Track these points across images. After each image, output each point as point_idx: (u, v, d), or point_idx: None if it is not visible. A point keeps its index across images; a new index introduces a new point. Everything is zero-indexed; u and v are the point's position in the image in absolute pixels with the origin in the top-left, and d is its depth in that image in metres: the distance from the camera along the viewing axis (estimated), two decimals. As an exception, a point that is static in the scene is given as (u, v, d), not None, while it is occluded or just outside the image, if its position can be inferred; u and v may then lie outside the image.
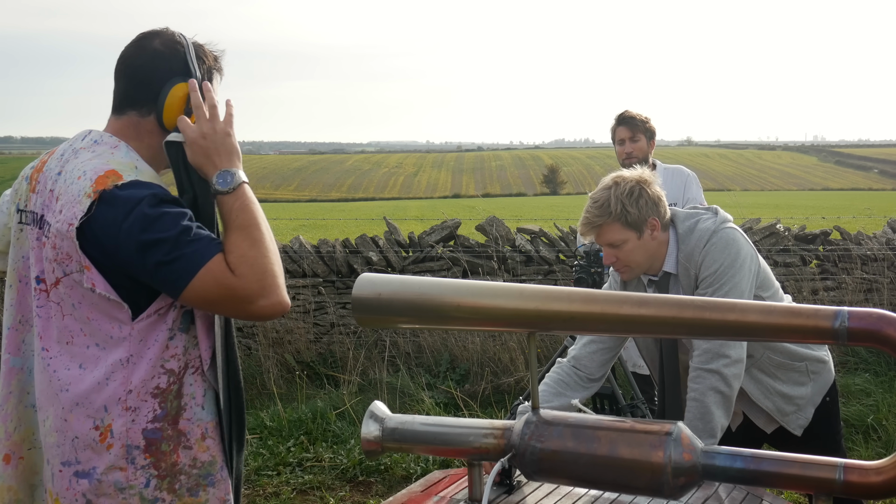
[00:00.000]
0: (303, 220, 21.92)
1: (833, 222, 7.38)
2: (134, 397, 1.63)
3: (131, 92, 1.72)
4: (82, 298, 1.62)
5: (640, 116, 4.19)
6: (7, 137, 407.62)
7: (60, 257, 1.62)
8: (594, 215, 2.42)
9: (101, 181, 1.60)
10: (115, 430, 1.62)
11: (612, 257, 2.45)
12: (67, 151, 1.71)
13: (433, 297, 1.62)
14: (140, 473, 1.63)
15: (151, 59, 1.71)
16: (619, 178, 2.45)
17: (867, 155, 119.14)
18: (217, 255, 1.57)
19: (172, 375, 1.66)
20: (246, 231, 1.61)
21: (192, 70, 1.72)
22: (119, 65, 1.74)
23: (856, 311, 1.36)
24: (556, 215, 21.15)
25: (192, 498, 1.68)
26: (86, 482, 1.63)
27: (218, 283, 1.55)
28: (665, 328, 1.51)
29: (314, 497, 4.30)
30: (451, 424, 1.70)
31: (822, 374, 2.63)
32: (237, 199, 1.64)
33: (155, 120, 1.72)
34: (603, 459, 1.50)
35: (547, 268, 6.41)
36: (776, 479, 1.44)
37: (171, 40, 1.73)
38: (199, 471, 1.69)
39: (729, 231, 2.46)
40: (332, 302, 6.34)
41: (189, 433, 1.68)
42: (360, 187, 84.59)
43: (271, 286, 1.59)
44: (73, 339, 1.63)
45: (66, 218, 1.60)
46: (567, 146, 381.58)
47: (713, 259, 2.41)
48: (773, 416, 2.60)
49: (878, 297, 6.44)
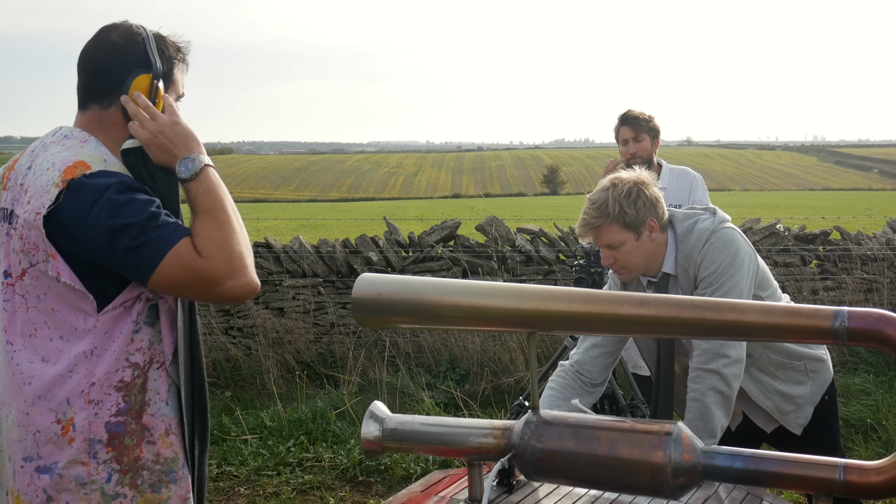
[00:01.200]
0: (303, 220, 21.94)
1: (833, 222, 7.37)
2: (97, 390, 1.62)
3: (91, 85, 1.73)
4: (47, 289, 1.61)
5: (643, 116, 4.15)
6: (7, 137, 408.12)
7: (27, 247, 1.62)
8: (592, 217, 2.41)
9: (70, 171, 1.61)
10: (77, 424, 1.61)
11: (610, 259, 2.45)
12: (38, 147, 1.73)
13: (433, 298, 1.62)
14: (102, 468, 1.62)
15: (109, 51, 1.71)
16: (617, 179, 2.45)
17: (867, 155, 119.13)
18: (184, 239, 1.58)
19: (137, 369, 1.65)
20: (211, 214, 1.62)
21: (151, 61, 1.72)
22: (80, 59, 1.75)
23: (856, 311, 1.36)
24: (556, 215, 21.14)
25: (154, 494, 1.67)
26: (47, 477, 1.61)
27: (185, 266, 1.56)
28: (665, 328, 1.51)
29: (314, 497, 4.30)
30: (451, 424, 1.70)
31: (821, 373, 2.63)
32: (200, 183, 1.65)
33: (118, 112, 1.72)
34: (603, 459, 1.50)
35: (547, 268, 6.41)
36: (776, 479, 1.44)
37: (129, 32, 1.73)
38: (161, 467, 1.68)
39: (727, 231, 2.46)
40: (332, 302, 6.34)
41: (153, 428, 1.67)
42: (360, 187, 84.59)
43: (239, 267, 1.60)
44: (37, 332, 1.63)
45: (34, 207, 1.60)
46: (567, 146, 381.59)
47: (712, 259, 2.41)
48: (773, 416, 2.61)
49: (878, 297, 6.44)
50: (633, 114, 4.15)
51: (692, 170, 4.32)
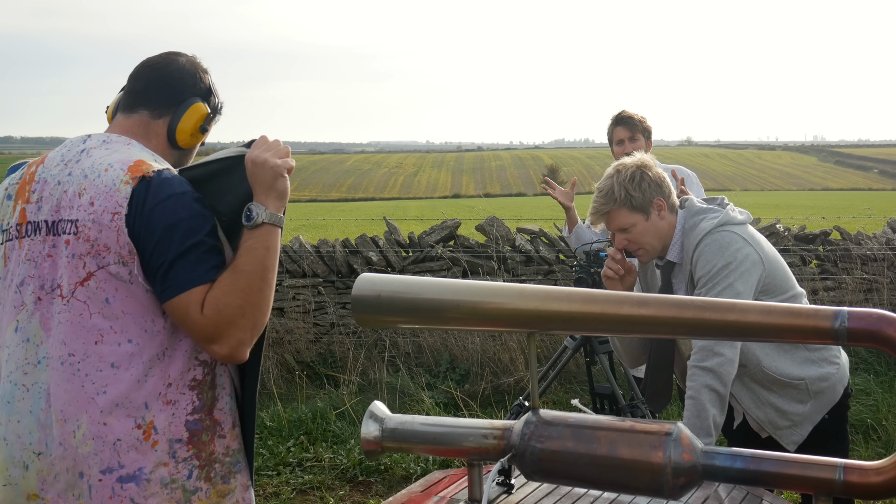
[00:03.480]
0: (303, 220, 21.92)
1: (833, 222, 7.38)
2: (174, 390, 1.64)
3: (152, 92, 1.78)
4: (115, 292, 1.60)
5: (637, 116, 4.20)
6: (7, 137, 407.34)
7: (97, 249, 1.60)
8: (600, 204, 2.50)
9: (136, 169, 1.63)
10: (158, 426, 1.62)
11: (623, 241, 2.51)
12: (69, 156, 1.71)
13: (433, 298, 1.62)
14: (182, 466, 1.65)
15: (179, 71, 1.80)
16: (621, 165, 2.53)
17: (867, 155, 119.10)
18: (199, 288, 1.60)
19: (206, 366, 1.69)
20: (239, 276, 1.63)
21: (213, 98, 1.84)
22: (142, 68, 1.81)
23: (856, 312, 1.36)
24: (556, 215, 21.12)
25: (225, 485, 1.72)
26: (132, 486, 1.60)
27: (184, 314, 1.60)
28: (665, 328, 1.51)
29: (314, 497, 4.30)
30: (451, 424, 1.70)
31: (826, 393, 2.50)
32: (253, 237, 1.67)
33: (165, 125, 1.77)
34: (603, 459, 1.50)
35: (547, 268, 6.41)
36: (776, 479, 1.44)
37: (197, 65, 1.84)
38: (230, 458, 1.73)
39: (725, 234, 2.44)
40: (332, 302, 6.34)
41: (223, 422, 1.72)
42: (359, 187, 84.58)
43: (227, 337, 1.61)
44: (103, 338, 1.60)
45: (107, 208, 1.60)
46: (567, 146, 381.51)
47: (706, 260, 2.43)
48: (765, 428, 2.53)
49: (878, 297, 6.44)
50: (627, 114, 4.20)
51: (685, 168, 4.35)
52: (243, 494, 1.76)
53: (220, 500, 1.70)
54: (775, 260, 2.53)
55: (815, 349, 2.49)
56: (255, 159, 1.70)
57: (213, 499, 1.69)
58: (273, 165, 1.69)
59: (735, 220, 2.50)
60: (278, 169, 1.70)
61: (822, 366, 2.49)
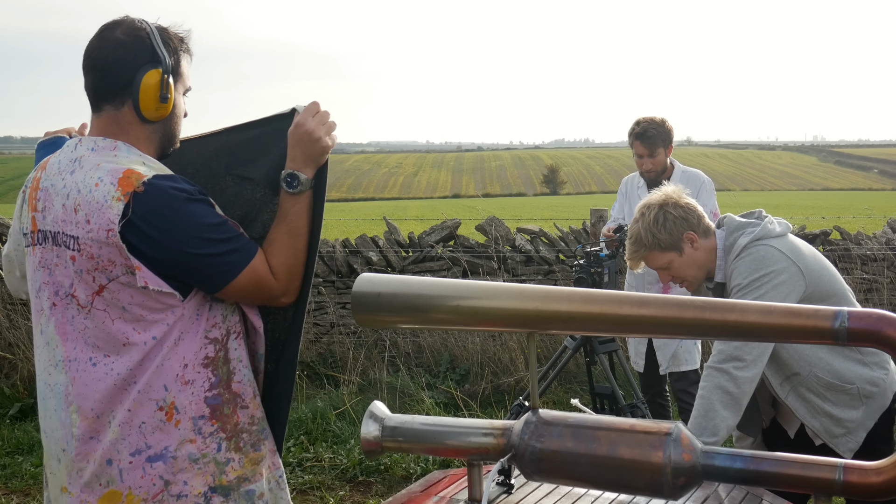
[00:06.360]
0: (303, 220, 21.86)
1: (833, 222, 7.38)
2: (190, 371, 1.69)
3: (101, 86, 1.71)
4: (131, 299, 1.64)
5: (655, 130, 4.16)
6: (7, 137, 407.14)
7: (102, 265, 1.63)
8: (633, 250, 2.60)
9: (125, 182, 1.61)
10: (179, 406, 1.68)
11: (667, 277, 2.62)
12: (63, 164, 1.71)
13: (433, 298, 1.62)
14: (210, 440, 1.71)
15: (115, 49, 1.68)
16: (645, 207, 2.59)
17: (867, 155, 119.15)
18: (258, 257, 1.71)
19: (217, 343, 1.73)
20: (294, 239, 1.76)
21: (160, 56, 1.70)
22: (85, 60, 1.72)
23: (855, 312, 1.35)
24: (556, 215, 21.12)
25: (256, 452, 1.78)
26: (160, 464, 1.67)
27: (259, 284, 1.71)
28: (665, 328, 1.51)
29: (314, 497, 4.30)
30: (451, 424, 1.70)
31: (876, 398, 2.51)
32: (298, 202, 1.77)
33: (131, 110, 1.70)
34: (603, 459, 1.50)
35: (547, 268, 6.42)
36: (776, 479, 1.44)
37: (133, 27, 1.70)
38: (257, 426, 1.79)
39: (762, 248, 2.46)
40: (332, 302, 6.34)
41: (243, 394, 1.77)
42: (359, 187, 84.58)
43: (296, 289, 1.79)
44: (129, 339, 1.66)
45: (101, 225, 1.61)
46: (567, 146, 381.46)
47: (738, 273, 2.47)
48: (821, 437, 2.53)
49: (878, 297, 6.45)
50: (645, 129, 4.17)
51: (703, 174, 4.38)
52: (273, 459, 1.84)
53: (255, 467, 1.77)
54: (819, 268, 2.51)
55: (868, 353, 2.50)
56: (311, 132, 1.75)
57: (248, 466, 1.76)
58: (324, 145, 1.77)
59: (772, 232, 2.51)
60: (327, 148, 1.78)
61: (872, 369, 2.51)
